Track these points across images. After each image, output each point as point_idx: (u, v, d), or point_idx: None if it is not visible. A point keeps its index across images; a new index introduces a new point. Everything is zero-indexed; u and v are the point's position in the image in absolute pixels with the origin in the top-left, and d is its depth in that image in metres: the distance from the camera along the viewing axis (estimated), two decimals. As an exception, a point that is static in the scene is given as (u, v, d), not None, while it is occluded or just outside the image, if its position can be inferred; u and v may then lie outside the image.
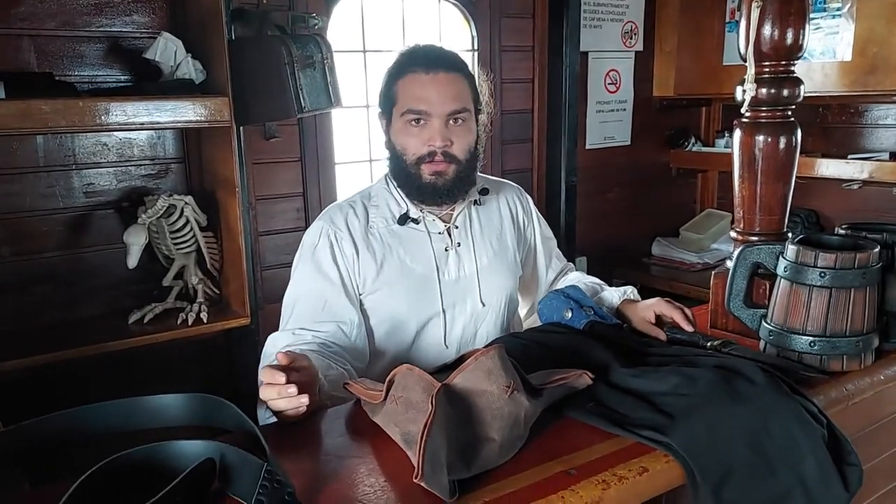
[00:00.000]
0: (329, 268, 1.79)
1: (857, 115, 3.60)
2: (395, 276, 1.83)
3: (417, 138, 1.77)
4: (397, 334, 1.86)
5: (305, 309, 1.77)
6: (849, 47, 3.03)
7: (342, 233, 1.82)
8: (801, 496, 1.30)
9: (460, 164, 1.80)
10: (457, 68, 1.80)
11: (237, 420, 1.27)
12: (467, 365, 1.25)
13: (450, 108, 1.75)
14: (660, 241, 4.03)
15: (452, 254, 1.89)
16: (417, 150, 1.78)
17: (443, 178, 1.79)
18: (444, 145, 1.76)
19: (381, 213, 1.87)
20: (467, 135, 1.80)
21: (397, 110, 1.78)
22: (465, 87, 1.80)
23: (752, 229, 1.85)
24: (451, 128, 1.77)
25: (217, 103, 2.28)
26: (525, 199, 2.12)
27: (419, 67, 1.76)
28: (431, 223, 1.88)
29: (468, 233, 1.92)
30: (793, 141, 1.78)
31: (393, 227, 1.86)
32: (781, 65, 1.74)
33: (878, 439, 1.68)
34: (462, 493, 1.12)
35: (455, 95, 1.76)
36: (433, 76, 1.75)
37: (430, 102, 1.74)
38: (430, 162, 1.77)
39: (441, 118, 1.75)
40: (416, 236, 1.87)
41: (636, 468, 1.22)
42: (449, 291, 1.88)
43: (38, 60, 2.35)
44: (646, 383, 1.44)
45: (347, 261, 1.81)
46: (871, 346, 1.61)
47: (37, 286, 2.46)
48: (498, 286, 1.95)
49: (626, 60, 3.82)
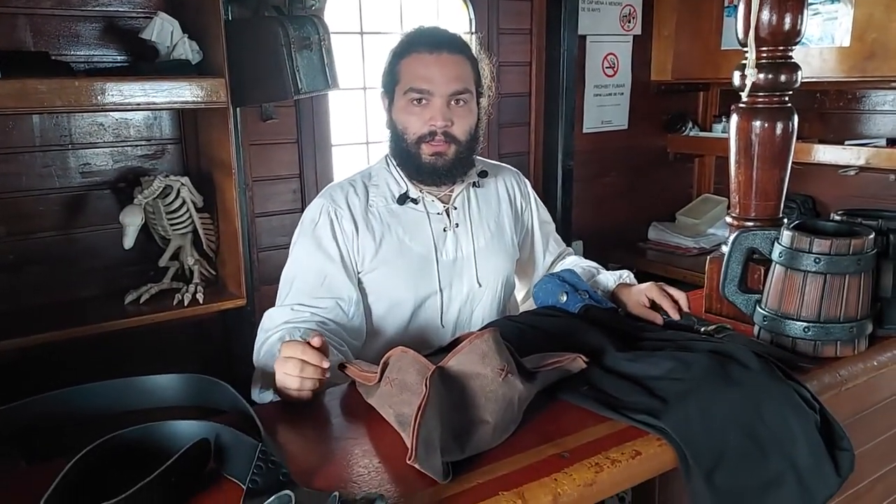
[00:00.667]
0: (329, 245, 1.80)
1: (855, 101, 3.59)
2: (394, 255, 1.84)
3: (419, 117, 1.78)
4: (394, 313, 1.87)
5: (304, 285, 1.77)
6: (847, 33, 3.02)
7: (342, 210, 1.83)
8: (793, 480, 1.31)
9: (460, 146, 1.81)
10: (461, 50, 1.81)
11: (232, 401, 1.28)
12: (462, 348, 1.25)
13: (452, 87, 1.76)
14: (656, 226, 4.03)
15: (450, 234, 1.90)
16: (418, 130, 1.78)
17: (442, 159, 1.80)
18: (445, 125, 1.77)
19: (380, 193, 1.88)
20: (468, 116, 1.82)
21: (400, 89, 1.79)
22: (468, 69, 1.81)
23: (747, 215, 1.85)
24: (453, 108, 1.78)
25: (213, 84, 2.27)
26: (523, 184, 2.12)
27: (423, 47, 1.78)
28: (430, 203, 1.89)
29: (466, 214, 1.93)
30: (790, 126, 1.78)
31: (392, 207, 1.87)
32: (779, 50, 1.73)
33: (871, 425, 1.69)
34: (455, 474, 1.12)
35: (458, 76, 1.77)
36: (437, 56, 1.76)
37: (432, 81, 1.75)
38: (430, 142, 1.78)
39: (443, 98, 1.76)
40: (415, 216, 1.88)
41: (629, 451, 1.22)
42: (446, 271, 1.89)
43: (34, 40, 2.34)
44: (640, 367, 1.44)
45: (347, 238, 1.81)
46: (865, 332, 1.62)
47: (32, 266, 2.45)
48: (494, 267, 1.95)
49: (624, 44, 3.80)
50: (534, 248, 2.13)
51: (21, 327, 2.21)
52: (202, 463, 1.12)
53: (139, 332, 2.38)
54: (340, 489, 1.03)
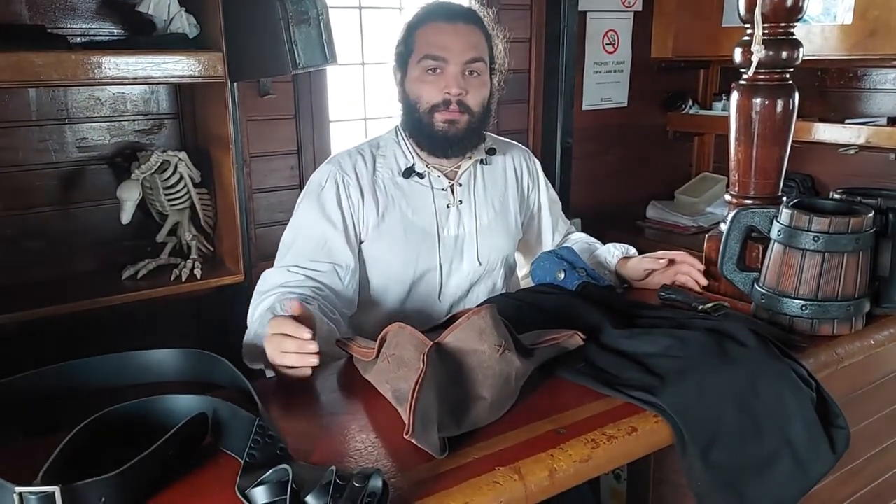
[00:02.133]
0: (333, 210, 1.80)
1: (856, 80, 3.57)
2: (396, 227, 1.85)
3: (433, 86, 1.79)
4: (392, 285, 1.88)
5: (304, 247, 1.78)
6: (849, 10, 2.99)
7: (350, 177, 1.83)
8: (788, 457, 1.32)
9: (473, 116, 1.81)
10: (476, 22, 1.83)
11: (230, 375, 1.28)
12: (459, 324, 1.26)
13: (468, 55, 1.77)
14: (655, 204, 4.02)
15: (454, 210, 1.90)
16: (432, 98, 1.79)
17: (455, 128, 1.80)
18: (460, 94, 1.78)
19: (387, 164, 1.89)
20: (482, 87, 1.82)
21: (414, 58, 1.80)
22: (483, 41, 1.83)
23: (746, 193, 1.85)
24: (467, 78, 1.79)
25: (211, 58, 2.25)
26: (532, 163, 2.12)
27: (440, 17, 1.81)
28: (436, 179, 1.89)
29: (471, 191, 1.93)
30: (790, 104, 1.77)
31: (398, 179, 1.87)
32: (781, 27, 1.72)
33: (867, 403, 1.70)
34: (452, 450, 1.13)
35: (473, 45, 1.79)
36: (453, 25, 1.79)
37: (448, 49, 1.76)
38: (445, 110, 1.79)
39: (458, 66, 1.77)
40: (420, 190, 1.88)
41: (625, 428, 1.23)
42: (447, 247, 1.89)
43: (29, 12, 2.32)
44: (637, 344, 1.45)
45: (353, 205, 1.82)
46: (863, 310, 1.62)
47: (30, 241, 2.45)
48: (496, 247, 1.96)
49: (624, 21, 3.77)
50: (541, 229, 2.14)
51: (18, 302, 2.21)
52: (200, 437, 1.12)
53: (136, 307, 2.38)
54: (337, 464, 1.03)
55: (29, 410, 1.24)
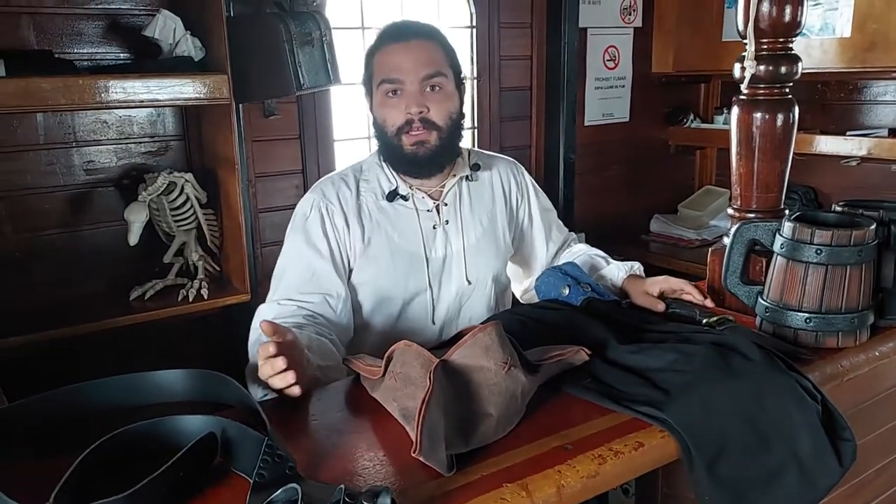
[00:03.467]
0: (319, 240, 1.80)
1: (856, 92, 3.58)
2: (383, 252, 1.84)
3: (395, 108, 1.77)
4: (383, 309, 1.87)
5: (293, 279, 1.77)
6: (848, 23, 3.01)
7: (333, 206, 1.82)
8: (795, 471, 1.32)
9: (441, 131, 1.79)
10: (430, 36, 1.81)
11: (238, 395, 1.29)
12: (465, 341, 1.26)
13: (423, 72, 1.75)
14: (658, 218, 4.03)
15: (440, 231, 1.89)
16: (396, 121, 1.78)
17: (424, 147, 1.78)
18: (421, 112, 1.76)
19: (371, 189, 1.88)
20: (445, 101, 1.80)
21: (375, 83, 1.80)
22: (440, 53, 1.80)
23: (749, 206, 1.85)
24: (428, 95, 1.77)
25: (216, 81, 2.28)
26: (520, 175, 2.09)
27: (392, 38, 1.79)
28: (420, 200, 1.88)
29: (457, 210, 1.92)
30: (790, 118, 1.78)
31: (382, 203, 1.86)
32: (780, 41, 1.74)
33: (873, 415, 1.70)
34: (460, 467, 1.13)
35: (429, 60, 1.76)
36: (405, 44, 1.77)
37: (402, 70, 1.75)
38: (409, 132, 1.77)
39: (416, 84, 1.75)
40: (405, 213, 1.87)
41: (632, 443, 1.23)
42: (435, 269, 1.88)
43: (37, 38, 2.35)
44: (643, 360, 1.45)
45: (338, 234, 1.81)
46: (867, 322, 1.62)
47: (38, 263, 2.47)
48: (485, 265, 1.95)
49: (625, 37, 3.80)
50: (534, 242, 2.11)
51: (28, 324, 2.22)
52: (209, 457, 1.13)
53: (144, 327, 2.39)
54: (346, 482, 1.04)
55: (40, 433, 1.25)
